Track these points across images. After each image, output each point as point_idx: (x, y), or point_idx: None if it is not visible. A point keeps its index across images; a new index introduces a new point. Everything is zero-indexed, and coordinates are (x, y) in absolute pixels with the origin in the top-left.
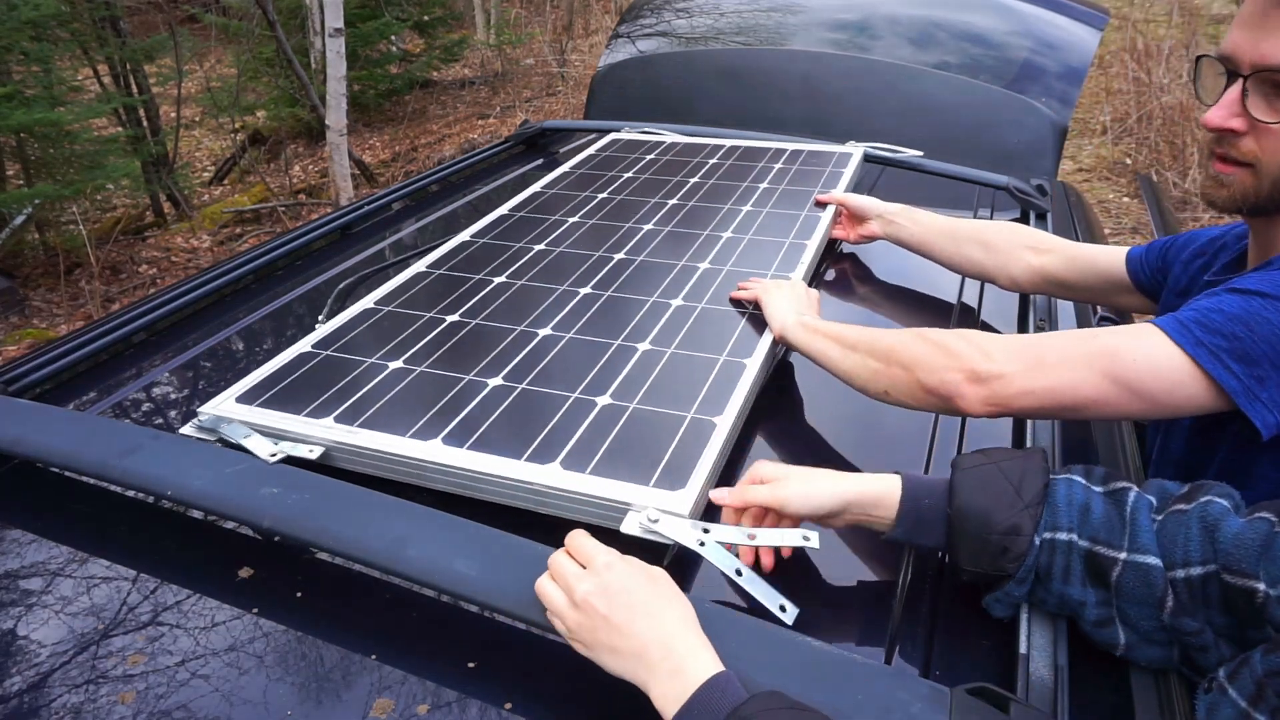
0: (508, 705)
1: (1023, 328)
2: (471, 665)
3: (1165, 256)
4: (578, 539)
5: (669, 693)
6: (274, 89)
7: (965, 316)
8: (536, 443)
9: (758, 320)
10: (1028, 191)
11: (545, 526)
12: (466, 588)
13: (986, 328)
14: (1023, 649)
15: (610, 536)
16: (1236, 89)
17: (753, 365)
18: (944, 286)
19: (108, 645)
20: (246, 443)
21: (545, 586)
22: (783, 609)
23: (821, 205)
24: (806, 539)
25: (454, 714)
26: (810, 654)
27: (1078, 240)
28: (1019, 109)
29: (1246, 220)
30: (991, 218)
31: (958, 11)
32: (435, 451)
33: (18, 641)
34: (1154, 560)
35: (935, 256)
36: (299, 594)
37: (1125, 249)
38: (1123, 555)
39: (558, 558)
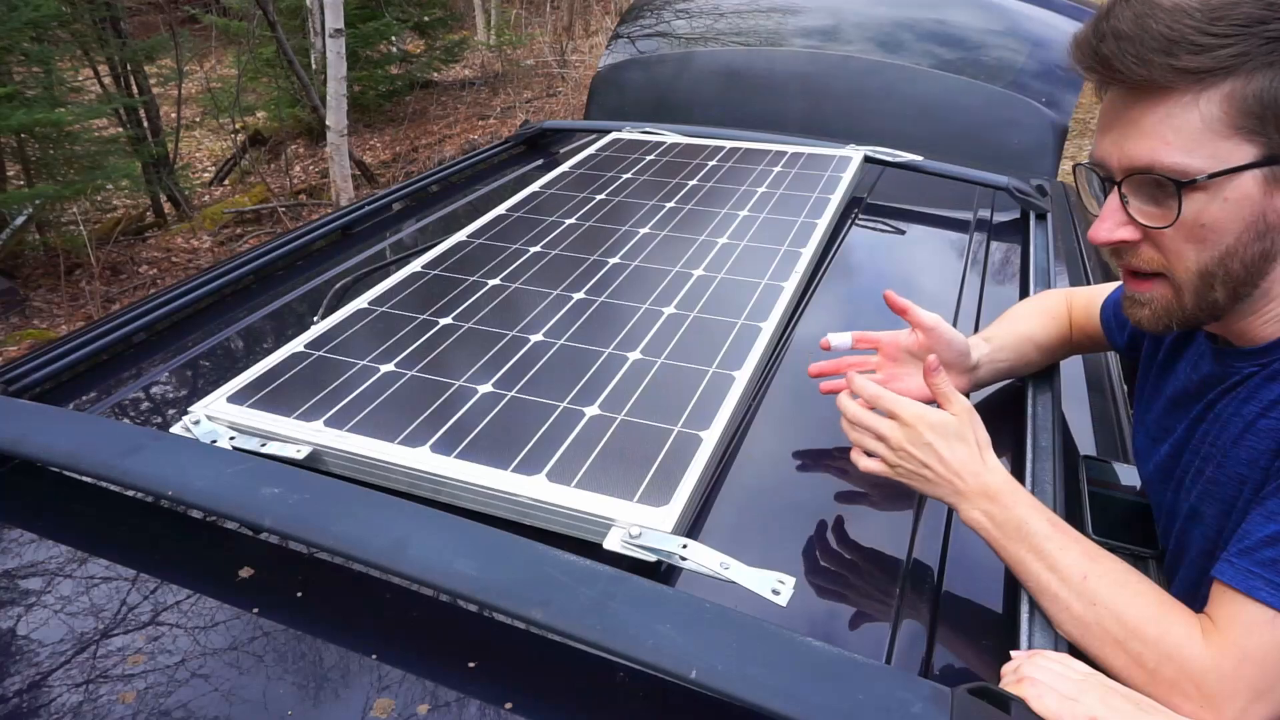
0: (508, 705)
1: None
2: (471, 665)
3: None
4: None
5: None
6: (274, 90)
7: (965, 315)
8: (524, 453)
9: (747, 331)
10: (1027, 192)
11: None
12: (467, 587)
13: (985, 326)
14: (1023, 649)
15: (593, 551)
16: (1115, 197)
17: (741, 378)
18: (943, 287)
19: (108, 645)
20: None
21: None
22: (775, 591)
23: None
24: (780, 584)
25: (454, 714)
26: (810, 654)
27: (1076, 245)
28: (1019, 109)
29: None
30: (991, 218)
31: (958, 12)
32: (423, 459)
33: (18, 641)
34: None
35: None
36: (299, 594)
37: (1099, 301)
38: None
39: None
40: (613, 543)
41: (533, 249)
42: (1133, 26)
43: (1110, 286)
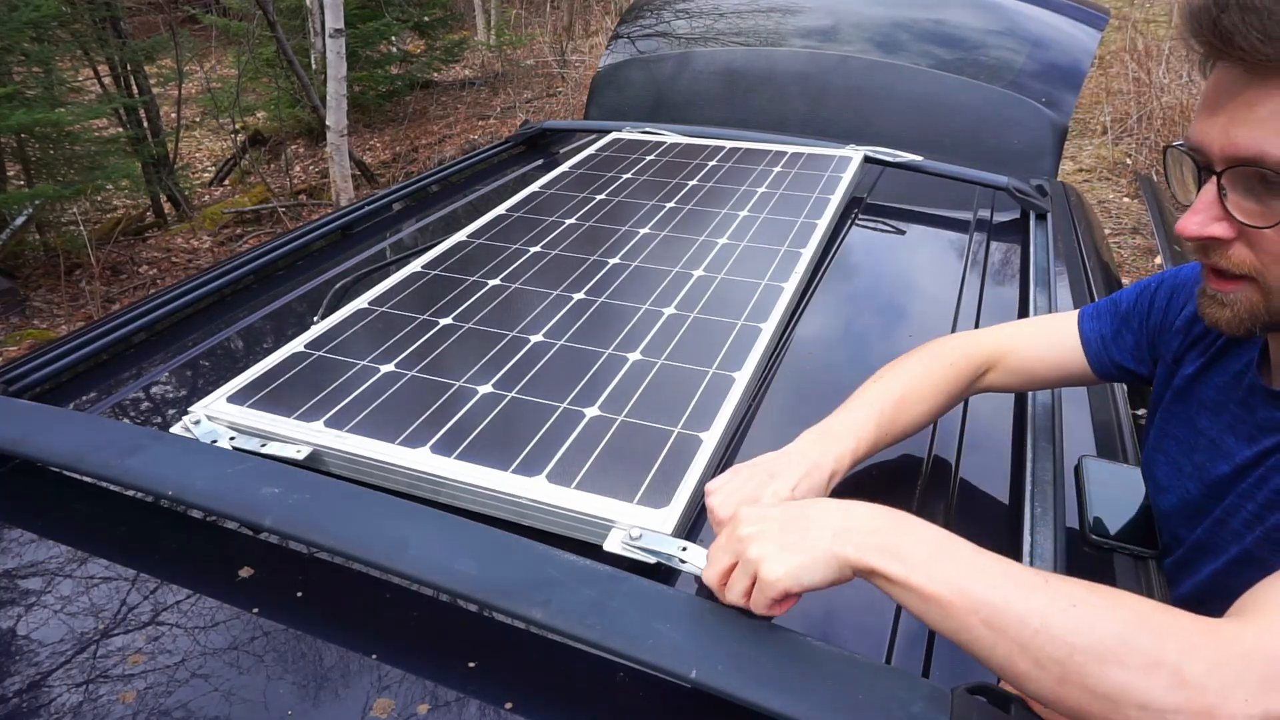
0: (508, 705)
1: None
2: (471, 665)
3: (1151, 330)
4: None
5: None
6: (274, 90)
7: (965, 315)
8: (524, 454)
9: (747, 332)
10: (1027, 192)
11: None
12: (467, 587)
13: (984, 326)
14: None
15: (593, 553)
16: (1211, 188)
17: (741, 379)
18: (943, 287)
19: (108, 645)
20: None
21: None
22: None
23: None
24: None
25: (454, 714)
26: (810, 654)
27: (1076, 245)
28: (1019, 109)
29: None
30: (991, 218)
31: (958, 12)
32: (423, 460)
33: (18, 641)
34: None
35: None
36: (299, 594)
37: (1077, 337)
38: None
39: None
40: (613, 545)
41: (533, 249)
42: None
43: (1042, 325)
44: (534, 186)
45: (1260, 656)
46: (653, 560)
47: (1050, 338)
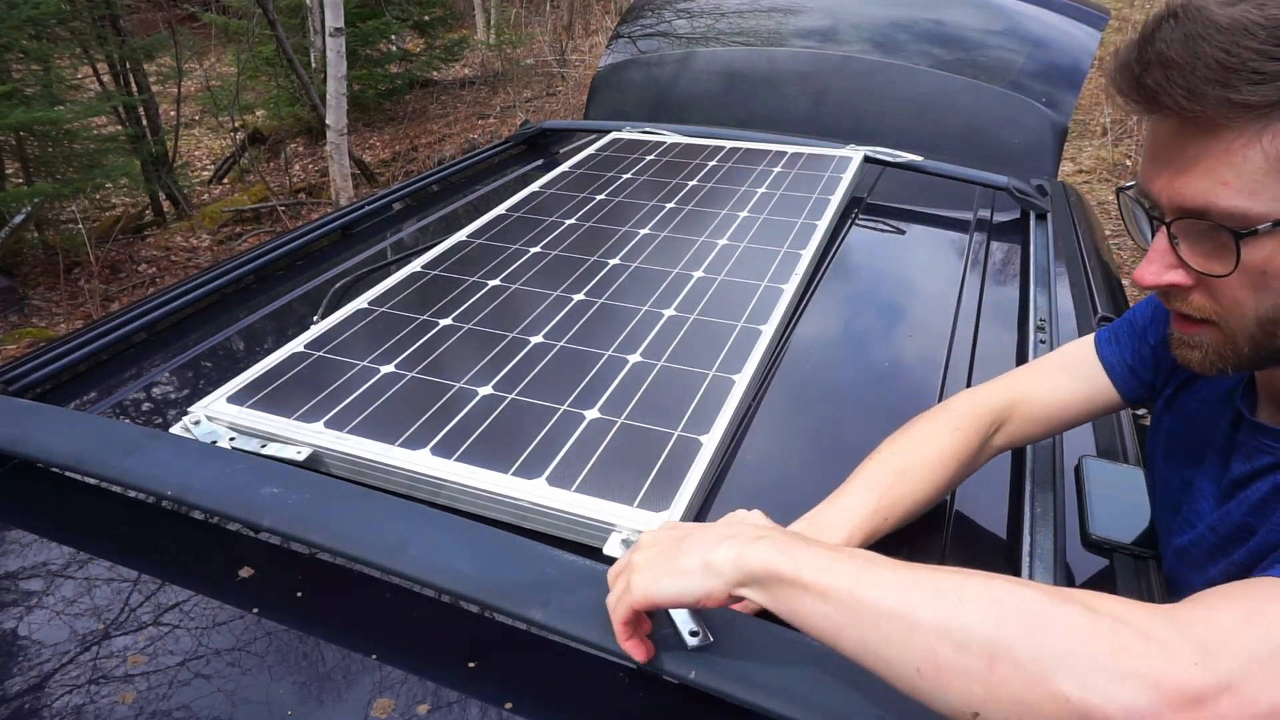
0: (508, 705)
1: (1022, 327)
2: (471, 665)
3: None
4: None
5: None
6: (274, 88)
7: (965, 316)
8: (524, 456)
9: (747, 334)
10: (1027, 192)
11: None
12: (467, 587)
13: (985, 326)
14: None
15: (593, 556)
16: (1163, 237)
17: (741, 382)
18: (943, 287)
19: (108, 645)
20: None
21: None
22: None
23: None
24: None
25: (454, 714)
26: (811, 654)
27: (1077, 245)
28: (1019, 109)
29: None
30: (991, 218)
31: (958, 12)
32: (424, 462)
33: (18, 641)
34: None
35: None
36: (299, 594)
37: (1098, 365)
38: None
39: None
40: (613, 548)
41: (533, 249)
42: (1183, 52)
43: (1054, 362)
44: (534, 186)
45: (1200, 624)
46: None
47: (1068, 372)
